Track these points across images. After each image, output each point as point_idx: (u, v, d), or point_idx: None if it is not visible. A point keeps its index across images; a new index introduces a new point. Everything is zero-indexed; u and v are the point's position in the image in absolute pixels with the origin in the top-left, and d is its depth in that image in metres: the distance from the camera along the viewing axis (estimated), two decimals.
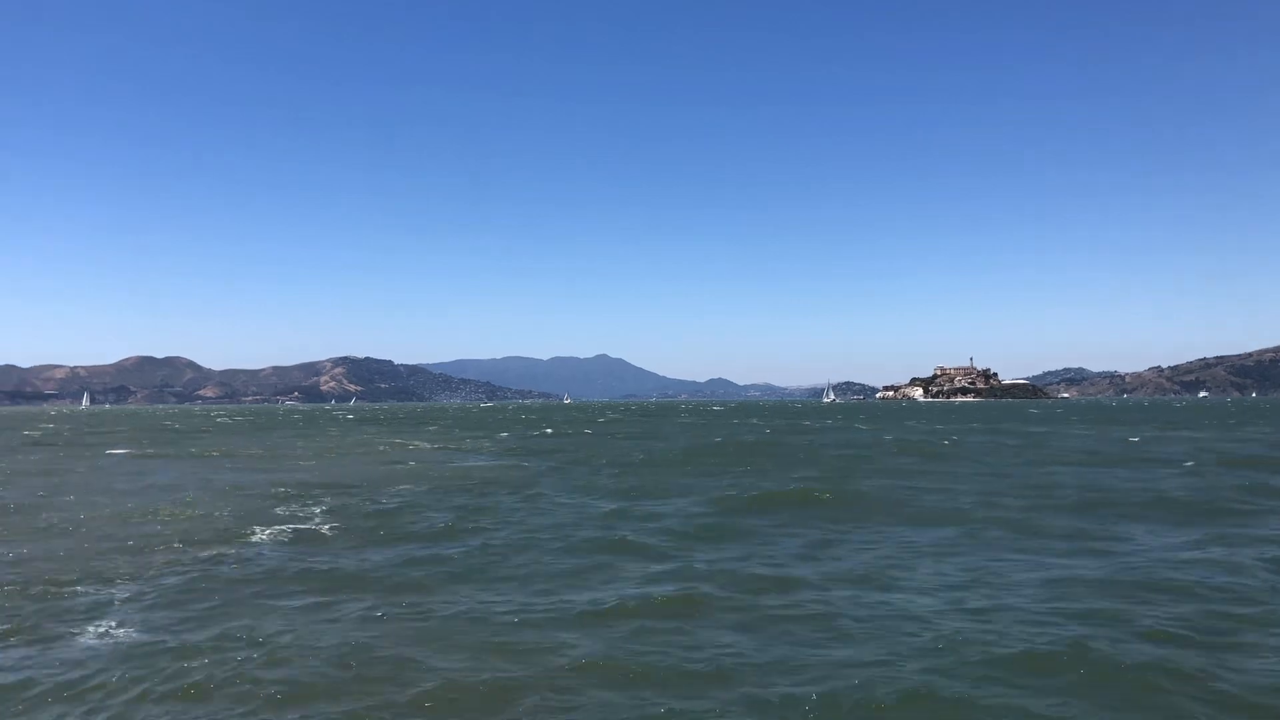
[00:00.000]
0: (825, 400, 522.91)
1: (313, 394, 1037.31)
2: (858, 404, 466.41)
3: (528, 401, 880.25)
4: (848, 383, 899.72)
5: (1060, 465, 53.69)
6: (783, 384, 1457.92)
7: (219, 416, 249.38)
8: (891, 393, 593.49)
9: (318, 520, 32.16)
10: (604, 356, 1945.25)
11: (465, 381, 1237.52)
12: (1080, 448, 69.64)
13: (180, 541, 28.00)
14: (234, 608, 19.41)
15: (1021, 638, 16.29)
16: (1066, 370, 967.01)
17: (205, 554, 25.81)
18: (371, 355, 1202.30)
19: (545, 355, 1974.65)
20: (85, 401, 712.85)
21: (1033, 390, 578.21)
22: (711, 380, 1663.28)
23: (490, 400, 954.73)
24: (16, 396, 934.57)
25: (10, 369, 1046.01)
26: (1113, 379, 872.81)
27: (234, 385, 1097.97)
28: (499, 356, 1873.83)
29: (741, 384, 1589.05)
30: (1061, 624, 17.24)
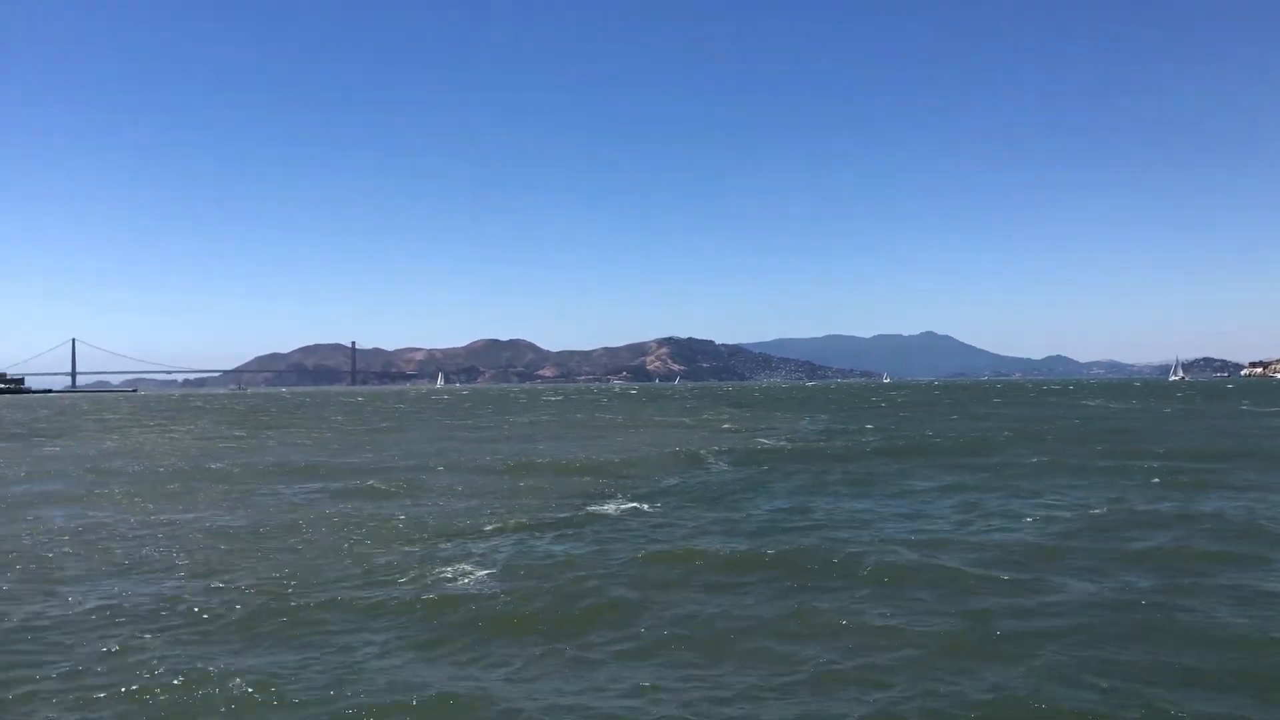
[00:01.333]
0: (1172, 378, 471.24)
1: (640, 373, 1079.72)
2: (1214, 382, 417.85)
3: (849, 380, 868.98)
4: (1205, 359, 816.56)
5: None
6: (1129, 360, 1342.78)
7: (553, 396, 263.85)
8: (1259, 369, 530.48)
9: (657, 498, 32.56)
10: (930, 333, 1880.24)
11: (785, 361, 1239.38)
12: None
13: (519, 509, 29.31)
14: (585, 559, 19.74)
15: None
16: None
17: (543, 520, 26.79)
18: (694, 335, 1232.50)
19: (868, 333, 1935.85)
20: (440, 381, 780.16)
21: None
22: (1049, 357, 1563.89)
23: (811, 379, 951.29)
24: (384, 376, 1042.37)
25: (378, 352, 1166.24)
26: None
27: (569, 365, 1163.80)
28: (819, 335, 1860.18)
29: (1082, 361, 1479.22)
30: None
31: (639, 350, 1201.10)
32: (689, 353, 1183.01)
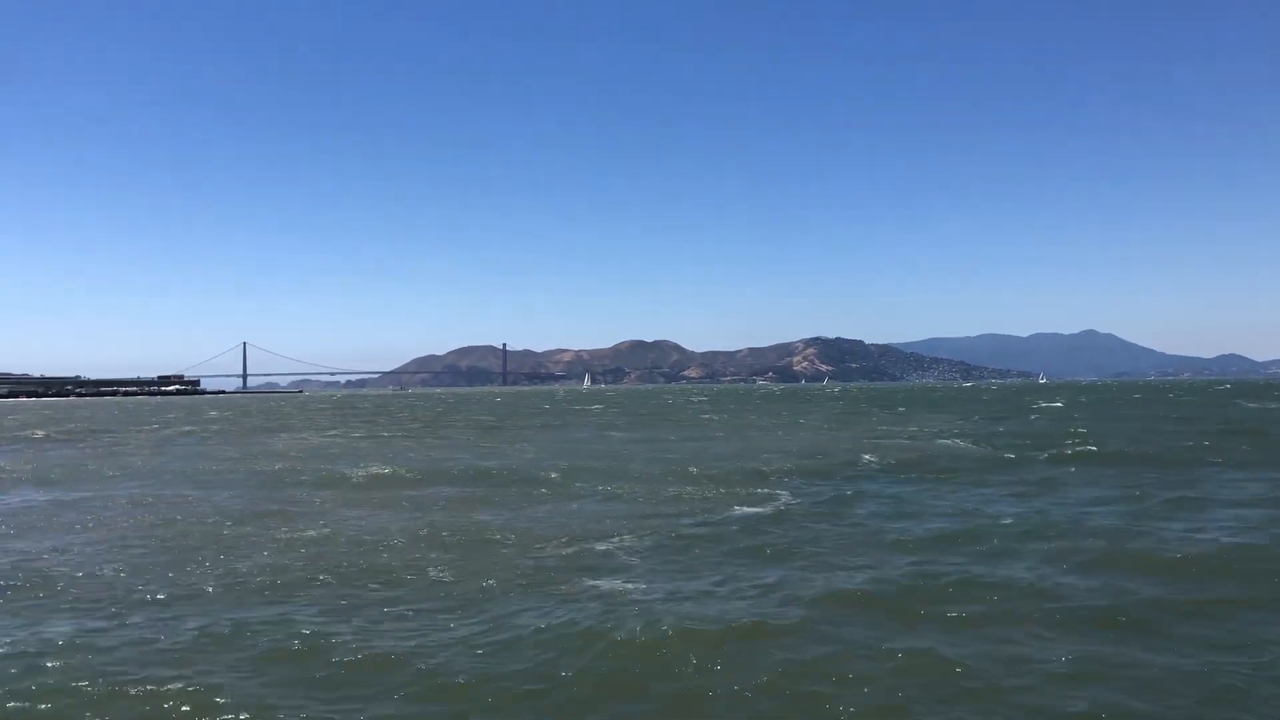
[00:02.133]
0: None
1: (786, 374, 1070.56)
2: None
3: (1006, 381, 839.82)
4: None
5: None
6: None
7: (699, 396, 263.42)
8: None
9: (811, 507, 31.42)
10: (1091, 332, 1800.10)
11: (937, 360, 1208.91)
12: None
13: (670, 514, 28.64)
14: (740, 573, 18.89)
15: None
16: None
17: (689, 521, 26.02)
18: (842, 335, 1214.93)
19: (1024, 332, 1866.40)
20: (586, 382, 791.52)
21: None
22: (1221, 356, 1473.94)
23: (965, 380, 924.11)
24: (533, 377, 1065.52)
25: (528, 353, 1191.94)
26: None
27: (714, 366, 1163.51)
28: (973, 334, 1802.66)
29: (1260, 360, 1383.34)
30: None
31: (785, 350, 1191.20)
32: (837, 353, 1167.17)
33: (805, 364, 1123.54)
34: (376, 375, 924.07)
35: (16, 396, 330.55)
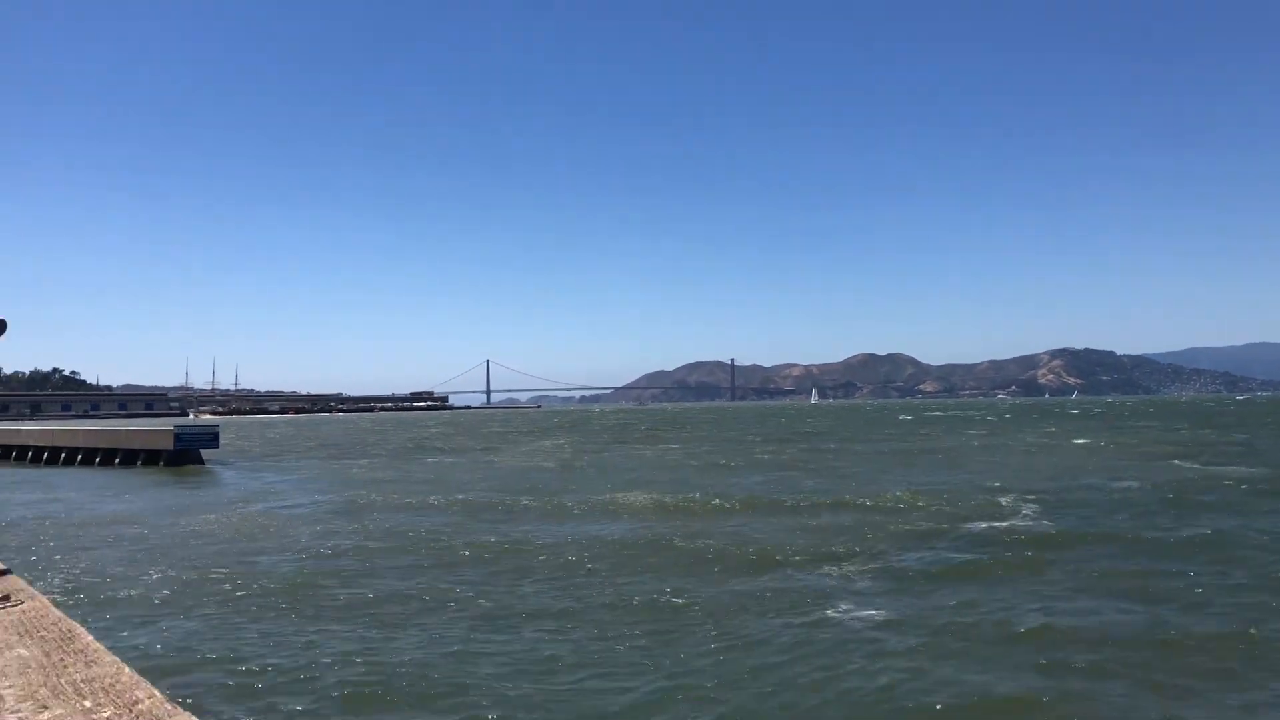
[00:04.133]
0: None
1: (1030, 387, 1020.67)
2: None
3: (1278, 395, 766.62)
4: None
5: None
6: None
7: (933, 410, 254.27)
8: None
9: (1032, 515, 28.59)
10: None
11: (1198, 372, 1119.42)
12: None
13: (905, 527, 27.06)
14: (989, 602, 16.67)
15: None
16: None
17: (923, 543, 23.97)
18: (1091, 346, 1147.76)
19: None
20: (814, 397, 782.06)
21: None
22: None
23: (1232, 393, 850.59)
24: (761, 392, 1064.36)
25: (756, 368, 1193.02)
26: None
27: (951, 380, 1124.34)
28: (1239, 343, 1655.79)
29: None
30: None
31: (1028, 363, 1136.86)
32: (1085, 364, 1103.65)
33: (1051, 376, 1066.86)
34: (609, 391, 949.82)
35: (286, 413, 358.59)
